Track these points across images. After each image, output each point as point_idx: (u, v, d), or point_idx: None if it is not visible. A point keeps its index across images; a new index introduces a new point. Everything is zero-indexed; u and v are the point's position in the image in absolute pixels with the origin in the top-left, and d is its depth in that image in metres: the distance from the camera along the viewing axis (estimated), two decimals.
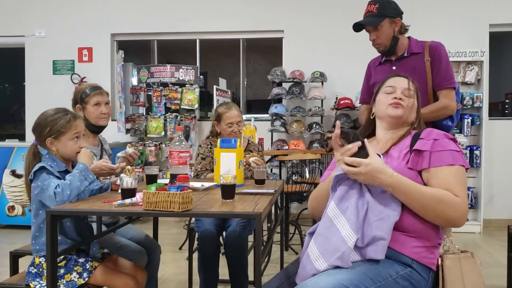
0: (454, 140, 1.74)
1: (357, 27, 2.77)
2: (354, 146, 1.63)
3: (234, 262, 2.81)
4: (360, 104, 3.19)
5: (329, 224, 1.65)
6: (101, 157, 2.72)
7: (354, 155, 1.64)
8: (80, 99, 2.69)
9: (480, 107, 5.69)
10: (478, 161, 5.71)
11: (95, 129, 2.73)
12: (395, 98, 1.82)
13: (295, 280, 1.71)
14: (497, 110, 8.04)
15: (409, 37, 2.84)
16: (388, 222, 1.60)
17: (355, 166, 1.60)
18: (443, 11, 6.07)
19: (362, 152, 1.65)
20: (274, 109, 5.99)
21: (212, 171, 2.97)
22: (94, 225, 2.37)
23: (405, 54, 2.77)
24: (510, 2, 5.99)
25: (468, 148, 5.75)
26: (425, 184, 1.67)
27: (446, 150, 1.68)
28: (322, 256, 1.60)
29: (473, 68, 5.71)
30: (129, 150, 2.62)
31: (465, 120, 5.66)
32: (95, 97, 2.70)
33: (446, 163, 1.65)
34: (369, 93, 2.95)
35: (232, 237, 2.77)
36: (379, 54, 2.88)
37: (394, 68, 2.76)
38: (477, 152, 5.71)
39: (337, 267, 1.58)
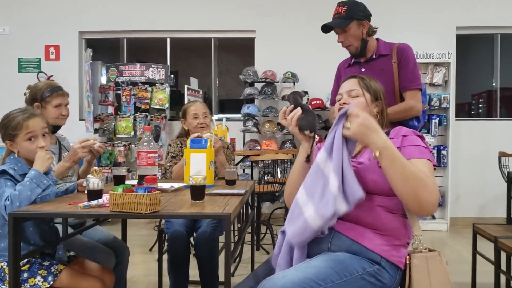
0: (422, 138, 1.77)
1: (325, 28, 2.78)
2: (289, 109, 1.83)
3: (204, 263, 2.79)
4: (330, 106, 3.20)
5: (298, 211, 1.65)
6: (60, 155, 2.65)
7: (302, 119, 1.79)
8: (40, 97, 2.61)
9: (447, 108, 5.81)
10: (445, 161, 5.83)
11: (51, 129, 2.66)
12: (340, 104, 1.87)
13: None
14: (464, 111, 8.24)
15: (377, 39, 2.86)
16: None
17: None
18: (412, 13, 6.19)
19: (308, 117, 1.79)
20: (246, 109, 5.99)
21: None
22: (60, 227, 2.31)
23: (374, 56, 2.79)
24: (476, 6, 6.15)
25: (436, 148, 5.87)
26: None
27: (414, 145, 1.71)
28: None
29: (441, 70, 5.83)
30: (96, 144, 2.54)
31: (433, 120, 5.78)
32: (57, 98, 2.62)
33: (414, 156, 1.67)
34: None
35: (203, 238, 2.75)
36: (349, 55, 2.90)
37: (363, 70, 2.78)
38: (444, 152, 5.83)
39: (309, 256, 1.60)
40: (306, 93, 1.89)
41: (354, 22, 2.70)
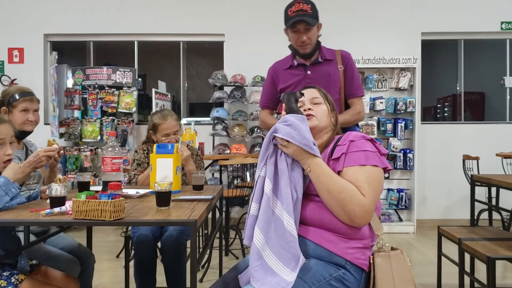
0: (373, 141, 1.75)
1: (295, 23, 2.62)
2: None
3: (171, 268, 2.75)
4: (261, 108, 3.08)
5: (271, 217, 1.65)
6: None
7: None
8: (7, 102, 2.57)
9: (413, 111, 5.92)
10: (411, 164, 5.94)
11: (18, 134, 2.58)
12: (305, 110, 1.89)
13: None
14: (430, 115, 8.42)
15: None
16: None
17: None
18: (378, 19, 6.29)
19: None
20: (215, 113, 5.96)
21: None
22: (22, 235, 2.24)
23: (320, 60, 2.76)
24: (440, 12, 6.30)
25: (402, 151, 5.97)
26: None
27: (360, 150, 1.70)
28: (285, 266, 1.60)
29: (406, 75, 5.95)
30: (54, 147, 2.46)
31: (399, 124, 5.88)
32: (24, 103, 2.58)
33: (358, 163, 1.67)
34: (274, 98, 2.94)
35: (169, 242, 2.71)
36: (286, 57, 2.90)
37: (309, 72, 2.75)
38: (410, 155, 5.94)
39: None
40: (302, 94, 1.90)
41: (318, 22, 2.69)
